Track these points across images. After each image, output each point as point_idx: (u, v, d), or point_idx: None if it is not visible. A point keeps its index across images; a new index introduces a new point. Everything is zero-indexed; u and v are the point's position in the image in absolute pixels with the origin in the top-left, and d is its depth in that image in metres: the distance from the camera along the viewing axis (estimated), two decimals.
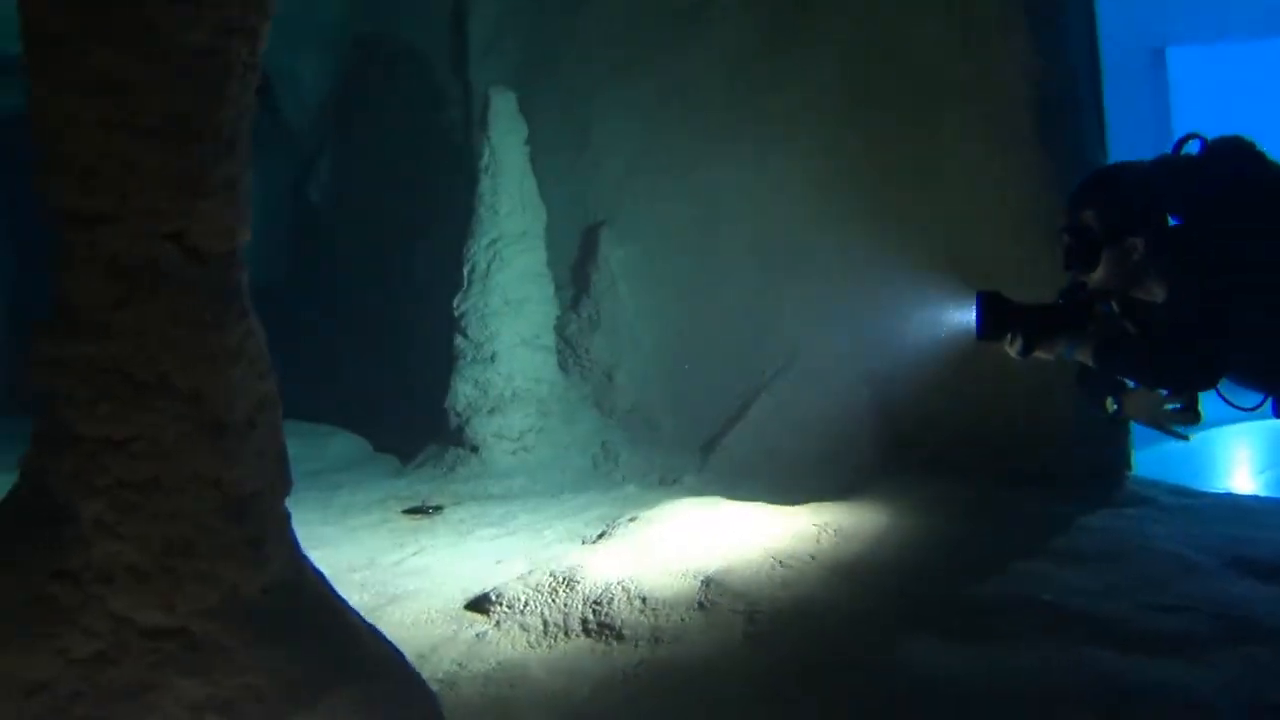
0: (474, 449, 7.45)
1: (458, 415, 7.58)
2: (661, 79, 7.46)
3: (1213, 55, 14.35)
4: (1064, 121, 5.94)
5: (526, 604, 4.33)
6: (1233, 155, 3.51)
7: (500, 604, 4.36)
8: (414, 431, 7.97)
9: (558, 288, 8.02)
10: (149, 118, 2.38)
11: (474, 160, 7.77)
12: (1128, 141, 6.21)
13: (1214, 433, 7.71)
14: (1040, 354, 3.60)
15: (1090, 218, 3.50)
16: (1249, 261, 3.33)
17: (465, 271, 7.74)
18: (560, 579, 4.45)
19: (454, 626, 4.23)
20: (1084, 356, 3.54)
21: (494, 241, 7.69)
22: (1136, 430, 5.68)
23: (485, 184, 7.71)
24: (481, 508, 6.46)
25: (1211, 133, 3.56)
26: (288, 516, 2.65)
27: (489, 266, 7.68)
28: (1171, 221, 3.50)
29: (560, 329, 8.05)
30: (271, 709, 2.31)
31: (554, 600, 4.32)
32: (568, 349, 8.09)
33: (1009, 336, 3.56)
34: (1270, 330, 3.38)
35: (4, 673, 2.27)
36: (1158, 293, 3.48)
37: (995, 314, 3.57)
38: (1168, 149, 3.66)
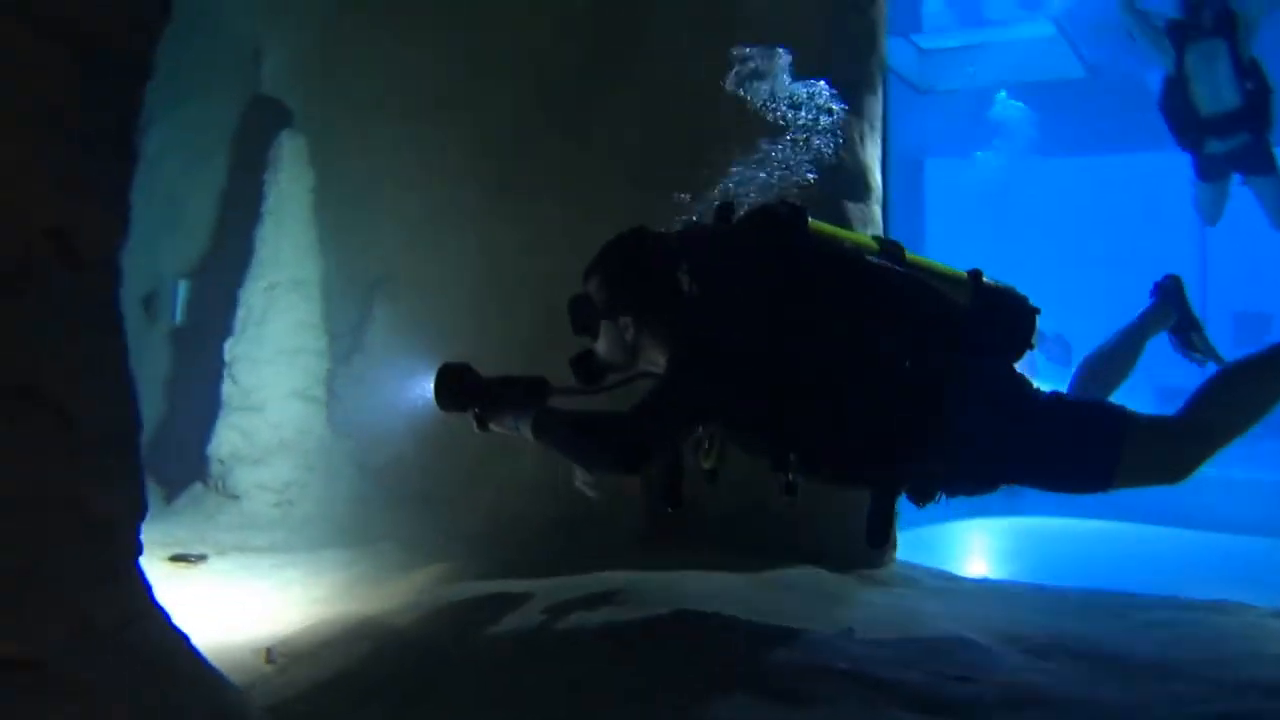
0: (235, 498, 7.15)
1: (221, 463, 7.27)
2: (457, 132, 7.35)
3: (963, 167, 15.57)
4: (854, 212, 6.18)
5: (316, 656, 4.19)
6: (761, 225, 3.39)
7: (289, 657, 4.20)
8: (173, 475, 7.57)
9: (332, 339, 7.81)
10: (31, 104, 2.23)
11: (259, 202, 7.55)
12: None
13: (954, 526, 8.19)
14: (495, 428, 3.48)
15: (593, 289, 3.47)
16: (737, 339, 3.17)
17: (240, 316, 7.48)
18: (352, 633, 4.33)
19: (248, 679, 4.03)
20: (527, 431, 3.38)
21: (271, 287, 7.47)
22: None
23: (268, 227, 7.50)
24: (247, 559, 6.19)
25: (958, 236, 3.55)
26: (141, 547, 2.49)
27: (264, 313, 7.44)
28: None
29: (329, 382, 7.83)
30: None
31: (350, 652, 4.19)
32: (336, 403, 7.87)
33: (469, 410, 3.47)
34: (756, 407, 3.27)
35: None
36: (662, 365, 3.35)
37: (453, 386, 3.48)
38: (921, 251, 3.63)
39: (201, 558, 6.05)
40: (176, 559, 5.96)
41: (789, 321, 3.20)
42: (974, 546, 8.09)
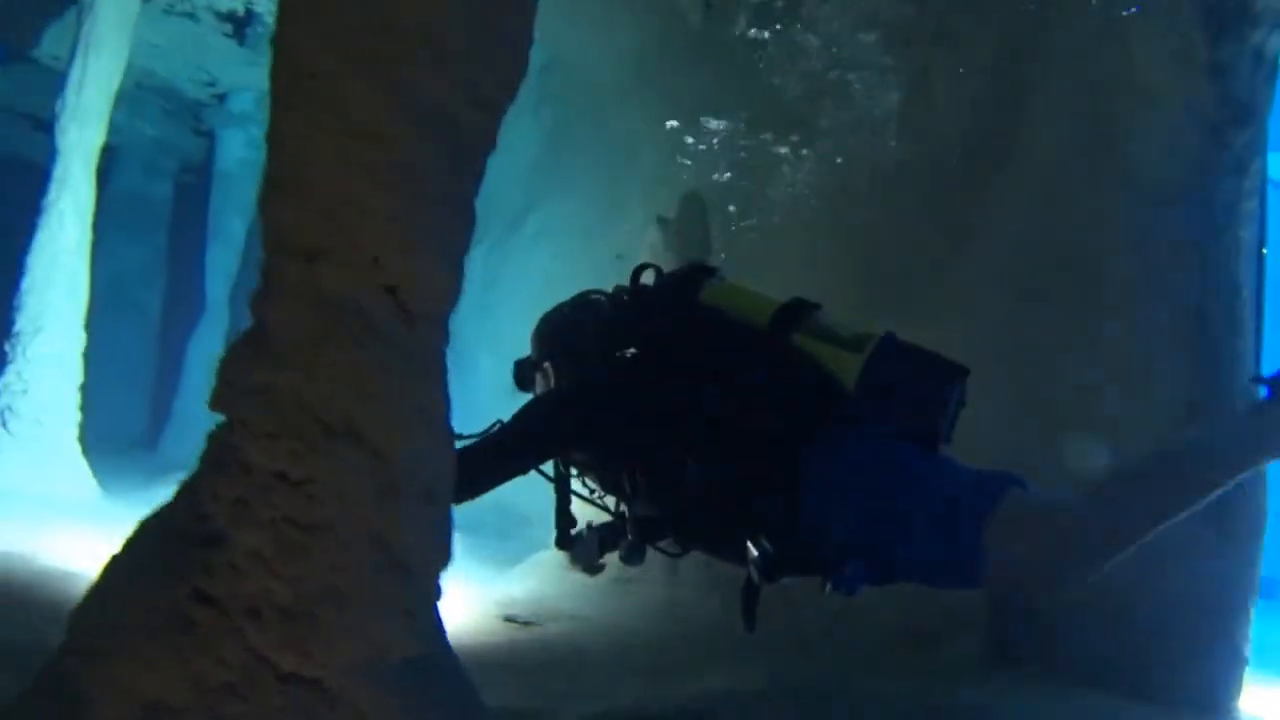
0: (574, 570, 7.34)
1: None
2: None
3: None
4: (1220, 339, 5.68)
5: None
6: (668, 289, 3.45)
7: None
8: (519, 539, 7.90)
9: None
10: (390, 167, 2.40)
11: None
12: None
13: None
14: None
15: (531, 349, 3.64)
16: (601, 390, 3.30)
17: None
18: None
19: None
20: None
21: None
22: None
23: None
24: (579, 627, 6.33)
25: None
26: (441, 592, 2.58)
27: None
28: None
29: None
30: None
31: None
32: None
33: None
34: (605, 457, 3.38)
35: (126, 683, 2.20)
36: None
37: None
38: None
39: (530, 623, 6.23)
40: (509, 619, 6.17)
41: (642, 381, 3.27)
42: None
